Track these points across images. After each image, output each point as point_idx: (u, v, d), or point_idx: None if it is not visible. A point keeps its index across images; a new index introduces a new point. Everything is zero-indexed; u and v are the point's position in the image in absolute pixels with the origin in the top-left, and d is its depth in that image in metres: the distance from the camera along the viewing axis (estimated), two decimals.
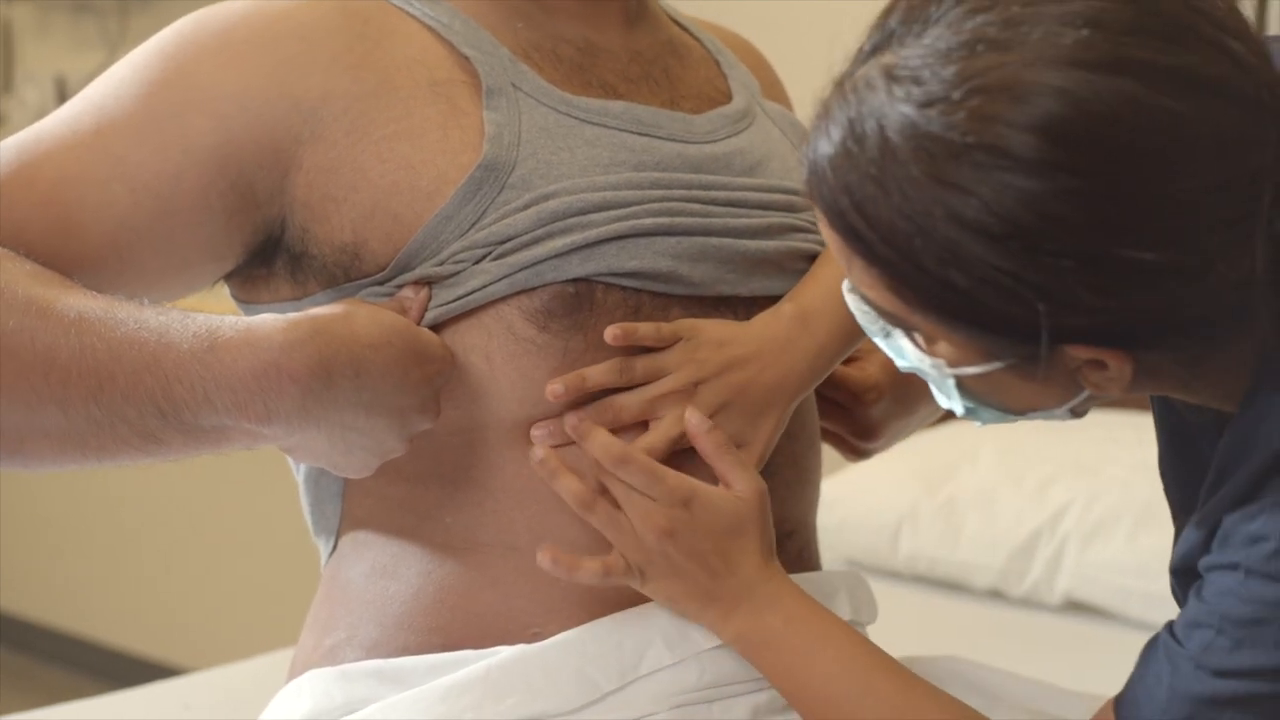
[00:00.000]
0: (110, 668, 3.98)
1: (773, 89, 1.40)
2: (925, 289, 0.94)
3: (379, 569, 1.21)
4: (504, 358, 1.15)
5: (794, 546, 1.26)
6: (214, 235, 1.15)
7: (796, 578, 1.22)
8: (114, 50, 3.59)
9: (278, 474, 1.31)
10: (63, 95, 3.70)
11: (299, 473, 1.27)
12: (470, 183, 1.14)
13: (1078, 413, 1.03)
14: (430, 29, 1.19)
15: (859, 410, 1.35)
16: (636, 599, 1.17)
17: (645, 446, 1.15)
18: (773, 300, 1.23)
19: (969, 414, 1.04)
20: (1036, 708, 1.29)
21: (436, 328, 1.15)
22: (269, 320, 1.07)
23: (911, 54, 0.93)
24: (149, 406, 1.03)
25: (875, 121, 0.93)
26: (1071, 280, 0.91)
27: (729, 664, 1.17)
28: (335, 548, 1.25)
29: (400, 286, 1.15)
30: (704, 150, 1.23)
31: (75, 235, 1.11)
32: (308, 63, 1.15)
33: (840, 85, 0.97)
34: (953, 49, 0.91)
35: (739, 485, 1.15)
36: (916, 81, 0.92)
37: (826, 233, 0.98)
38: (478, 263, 1.14)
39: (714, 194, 1.21)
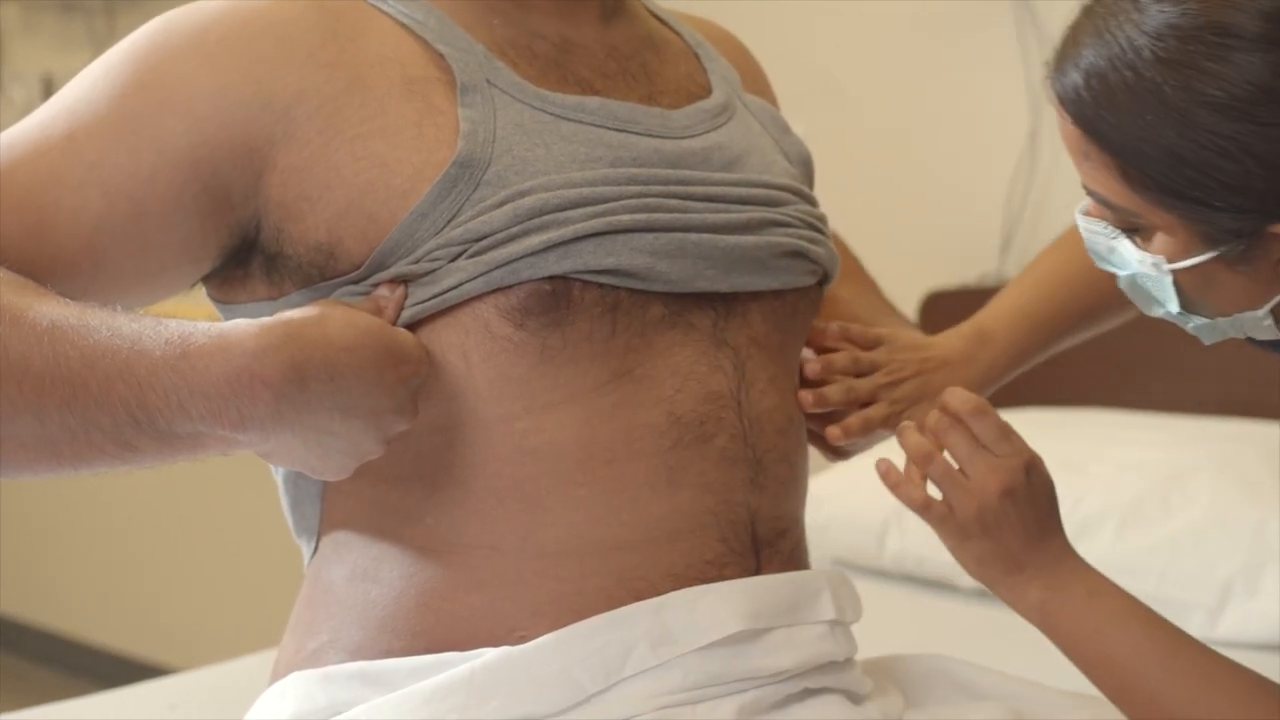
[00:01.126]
0: (96, 667, 3.98)
1: (756, 82, 1.40)
2: (1157, 168, 1.07)
3: (360, 571, 1.20)
4: (481, 356, 1.15)
5: (786, 545, 1.25)
6: (189, 237, 1.14)
7: (783, 577, 1.23)
8: (101, 49, 3.56)
9: (263, 473, 1.31)
10: (50, 94, 3.66)
11: (278, 473, 1.27)
12: (445, 180, 1.14)
13: (1277, 319, 1.13)
14: (404, 26, 1.19)
15: (845, 412, 1.35)
16: (622, 601, 1.17)
17: (867, 416, 1.33)
18: (753, 297, 1.23)
19: (1180, 318, 1.15)
20: (1023, 706, 1.29)
21: (413, 326, 1.15)
22: (242, 326, 1.06)
23: None
24: (123, 414, 1.02)
25: (1123, 32, 1.07)
26: None
27: (713, 665, 1.16)
28: (316, 549, 1.25)
29: (376, 285, 1.15)
30: (682, 145, 1.23)
31: (49, 240, 1.11)
32: (281, 62, 1.14)
33: (1088, 8, 1.11)
34: None
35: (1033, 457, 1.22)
36: None
37: (1069, 134, 1.12)
38: (453, 260, 1.13)
39: (692, 189, 1.21)
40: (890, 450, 1.27)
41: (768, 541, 1.23)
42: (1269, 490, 2.20)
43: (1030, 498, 1.19)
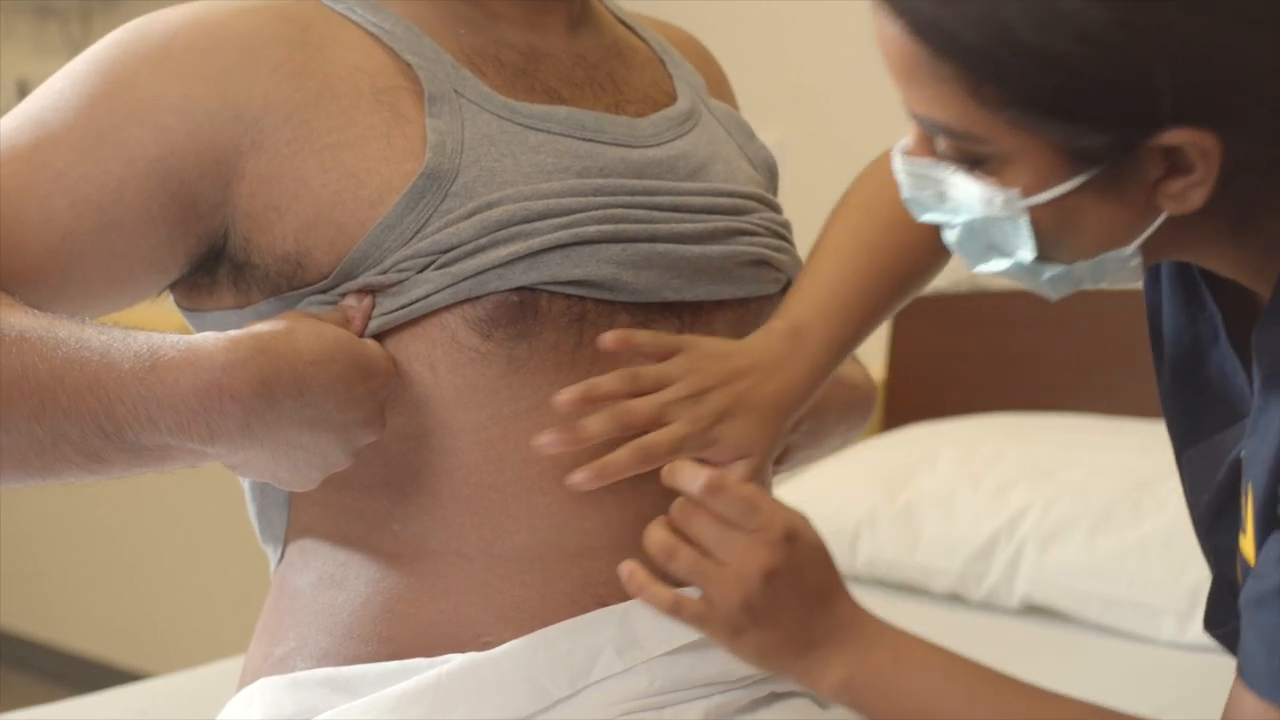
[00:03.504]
0: (67, 672, 3.96)
1: (719, 86, 1.40)
2: (1014, 73, 0.89)
3: (327, 578, 1.20)
4: (448, 366, 1.15)
5: None
6: (157, 246, 1.14)
7: None
8: (76, 54, 3.57)
9: (231, 480, 1.31)
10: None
11: (244, 480, 1.27)
12: (413, 191, 1.14)
13: (1148, 255, 0.97)
14: (372, 35, 1.19)
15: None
16: (587, 607, 1.17)
17: (648, 444, 1.13)
18: (718, 305, 1.23)
19: (1031, 270, 0.98)
20: None
21: (380, 336, 1.15)
22: (210, 339, 1.07)
23: None
24: (92, 427, 1.03)
25: None
26: (1176, 29, 0.87)
27: (680, 669, 1.17)
28: (283, 555, 1.25)
29: (344, 295, 1.15)
30: (648, 155, 1.23)
31: (17, 249, 1.10)
32: (248, 72, 1.14)
33: None
34: None
35: (800, 520, 1.06)
36: None
37: (896, 47, 0.94)
38: (421, 271, 1.14)
39: (658, 199, 1.21)
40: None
41: None
42: None
43: (798, 569, 1.03)
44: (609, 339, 1.14)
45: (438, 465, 1.17)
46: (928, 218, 1.01)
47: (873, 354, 2.75)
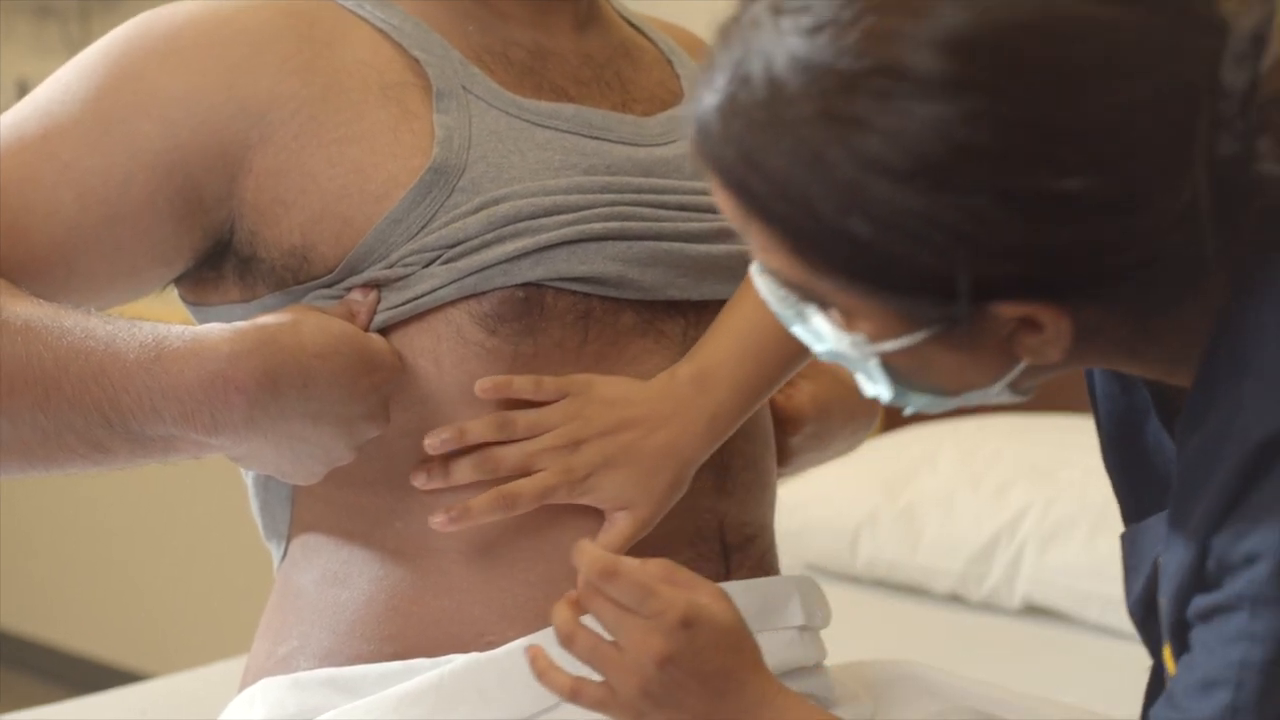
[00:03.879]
0: (68, 673, 3.96)
1: None
2: (828, 246, 0.84)
3: (330, 576, 1.20)
4: (453, 361, 1.15)
5: (756, 551, 1.25)
6: (162, 240, 1.14)
7: (752, 583, 1.22)
8: (75, 54, 3.57)
9: (234, 477, 1.31)
10: None
11: (248, 476, 1.27)
12: (420, 186, 1.14)
13: (1019, 390, 0.93)
14: (381, 31, 1.19)
15: (778, 436, 1.31)
16: None
17: (512, 492, 1.13)
18: (721, 303, 1.23)
19: (898, 399, 0.93)
20: (996, 712, 1.29)
21: (385, 331, 1.15)
22: (216, 330, 1.07)
23: None
24: (96, 416, 1.03)
25: (762, 60, 0.83)
26: (988, 219, 0.81)
27: None
28: (286, 553, 1.25)
29: (349, 290, 1.15)
30: (654, 153, 1.23)
31: (22, 241, 1.11)
32: (256, 66, 1.15)
33: (725, 29, 0.86)
34: None
35: (708, 599, 1.01)
36: (804, 9, 0.82)
37: (719, 197, 0.89)
38: (427, 266, 1.14)
39: (665, 198, 1.21)
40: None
41: (737, 547, 1.23)
42: None
43: (695, 654, 0.98)
44: (481, 387, 1.13)
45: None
46: (795, 332, 0.97)
47: None
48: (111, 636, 3.95)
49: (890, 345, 0.89)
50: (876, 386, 0.93)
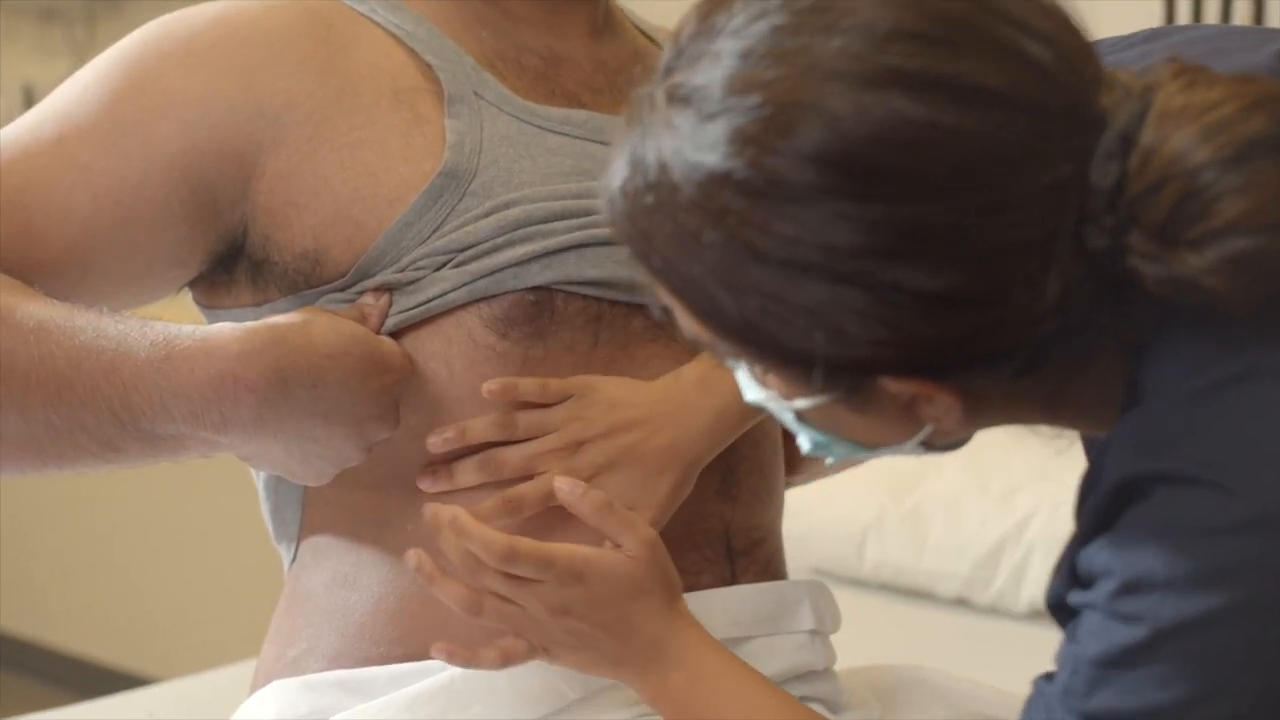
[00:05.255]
0: (74, 677, 3.97)
1: None
2: (718, 319, 0.88)
3: (340, 578, 1.20)
4: (464, 365, 1.15)
5: (763, 555, 1.26)
6: (176, 242, 1.15)
7: (763, 587, 1.23)
8: (81, 58, 3.57)
9: (244, 480, 1.31)
10: (30, 103, 3.68)
11: (259, 478, 1.27)
12: (431, 190, 1.14)
13: (936, 447, 0.96)
14: (394, 36, 1.19)
15: (786, 445, 1.31)
16: None
17: (517, 496, 1.14)
18: None
19: (818, 449, 0.97)
20: (1003, 716, 1.29)
21: (396, 335, 1.15)
22: (226, 329, 1.07)
23: (692, 73, 0.86)
24: (107, 415, 1.04)
25: (654, 148, 0.87)
26: (857, 309, 0.84)
27: None
28: (296, 555, 1.25)
29: (361, 293, 1.15)
30: None
31: (38, 242, 1.11)
32: (272, 68, 1.15)
33: (632, 109, 0.90)
34: (730, 65, 0.85)
35: (629, 544, 1.09)
36: (692, 101, 0.86)
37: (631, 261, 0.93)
38: (438, 270, 1.14)
39: None
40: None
41: (743, 551, 1.23)
42: None
43: (593, 603, 1.07)
44: (488, 389, 1.13)
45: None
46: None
47: None
48: (115, 639, 3.96)
49: (799, 404, 0.92)
50: (800, 437, 0.97)
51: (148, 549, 3.91)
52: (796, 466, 1.35)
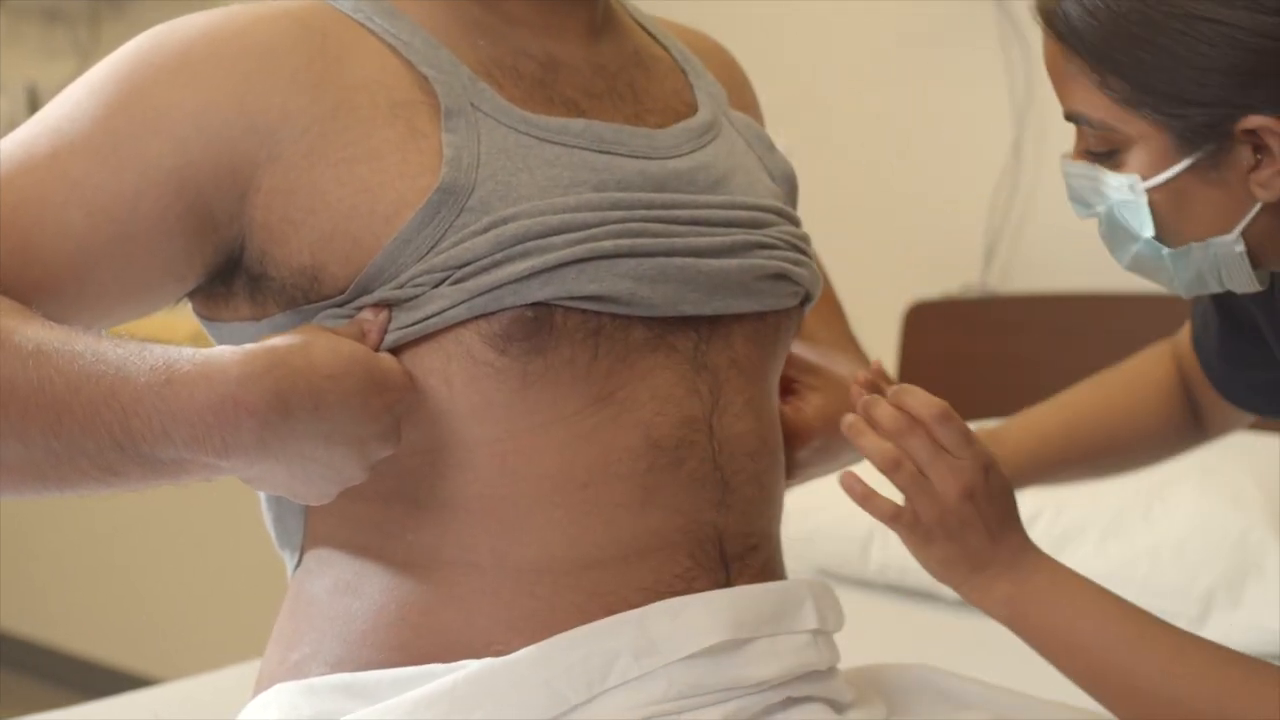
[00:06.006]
0: (78, 678, 3.97)
1: (742, 97, 1.40)
2: (1125, 60, 1.10)
3: (342, 585, 1.20)
4: (463, 380, 1.15)
5: (758, 560, 1.26)
6: (173, 257, 1.14)
7: (766, 587, 1.23)
8: (85, 59, 3.58)
9: (247, 486, 1.31)
10: (34, 104, 3.69)
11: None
12: (429, 206, 1.13)
13: (1252, 246, 1.14)
14: (389, 46, 1.18)
15: (786, 449, 1.33)
16: (595, 617, 1.17)
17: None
18: (736, 319, 1.23)
19: (1153, 249, 1.16)
20: (1007, 715, 1.29)
21: (396, 351, 1.15)
22: (226, 353, 1.06)
23: None
24: (107, 440, 1.03)
25: None
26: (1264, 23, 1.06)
27: (697, 675, 1.17)
28: (299, 562, 1.25)
29: (360, 309, 1.14)
30: (667, 166, 1.23)
31: (33, 259, 1.10)
32: (267, 80, 1.14)
33: None
34: None
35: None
36: None
37: (1046, 49, 1.16)
38: (436, 286, 1.13)
39: (676, 213, 1.20)
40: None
41: (736, 556, 1.23)
42: (1251, 500, 2.20)
43: (990, 497, 1.20)
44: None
45: (452, 478, 1.17)
46: (1085, 215, 1.21)
47: (883, 359, 2.75)
48: (118, 640, 3.96)
49: (1160, 178, 1.13)
50: (1142, 230, 1.16)
51: (151, 549, 3.91)
52: (793, 471, 1.35)
